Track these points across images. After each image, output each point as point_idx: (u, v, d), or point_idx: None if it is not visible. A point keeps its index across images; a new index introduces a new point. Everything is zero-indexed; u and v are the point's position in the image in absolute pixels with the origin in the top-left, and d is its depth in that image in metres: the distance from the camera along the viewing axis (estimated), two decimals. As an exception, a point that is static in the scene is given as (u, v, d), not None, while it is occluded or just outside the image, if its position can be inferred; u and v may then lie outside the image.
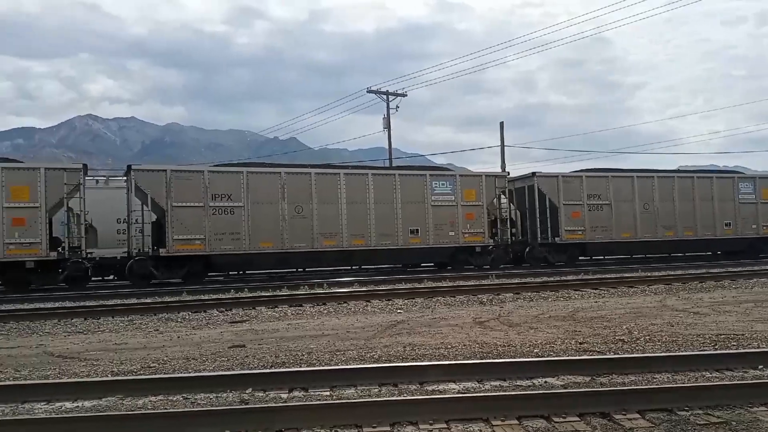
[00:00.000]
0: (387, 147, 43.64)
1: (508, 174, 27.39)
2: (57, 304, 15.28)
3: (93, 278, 22.72)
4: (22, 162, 22.14)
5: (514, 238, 27.33)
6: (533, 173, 27.11)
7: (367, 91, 43.97)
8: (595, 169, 29.01)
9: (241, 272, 25.07)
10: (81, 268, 20.31)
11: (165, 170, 21.32)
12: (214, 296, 16.01)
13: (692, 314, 11.58)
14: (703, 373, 6.86)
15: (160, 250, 20.97)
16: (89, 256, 20.98)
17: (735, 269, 21.47)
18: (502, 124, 43.59)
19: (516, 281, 18.46)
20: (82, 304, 15.28)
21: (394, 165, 42.24)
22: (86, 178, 21.70)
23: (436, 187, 24.64)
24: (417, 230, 24.22)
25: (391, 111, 43.03)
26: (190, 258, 21.32)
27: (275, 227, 22.13)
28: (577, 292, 15.75)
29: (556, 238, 26.21)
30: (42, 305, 15.19)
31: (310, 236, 22.51)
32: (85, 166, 21.21)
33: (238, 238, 21.60)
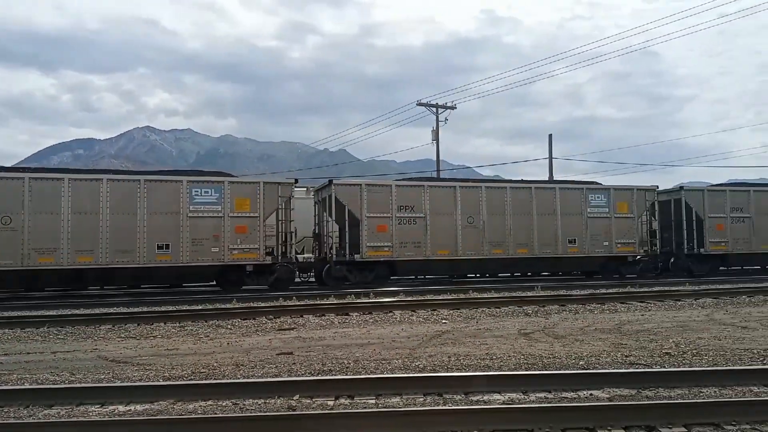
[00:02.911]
0: (434, 159, 43.67)
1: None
2: (112, 310, 15.69)
3: None
4: None
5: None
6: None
7: (417, 104, 44.01)
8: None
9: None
10: None
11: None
12: (263, 304, 16.22)
13: (740, 328, 11.44)
14: (751, 387, 6.81)
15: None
16: None
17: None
18: (550, 136, 43.35)
19: (562, 293, 18.34)
20: (135, 310, 15.66)
21: (446, 177, 42.21)
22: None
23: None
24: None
25: (440, 123, 43.05)
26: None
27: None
28: (623, 305, 15.57)
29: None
30: (97, 311, 15.60)
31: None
32: None
33: None
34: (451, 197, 24.04)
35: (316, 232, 24.82)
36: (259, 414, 5.92)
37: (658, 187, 27.55)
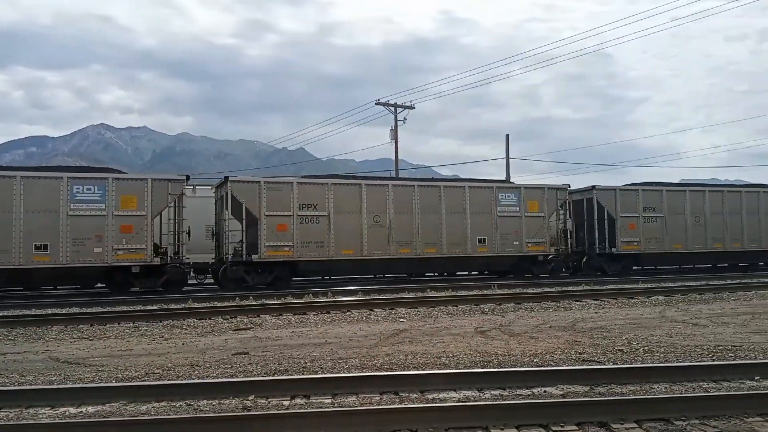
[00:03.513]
0: (393, 158, 43.70)
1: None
2: (64, 310, 15.40)
3: None
4: None
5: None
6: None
7: (375, 104, 43.95)
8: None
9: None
10: None
11: None
12: (219, 304, 16.06)
13: (691, 325, 11.68)
14: (701, 383, 6.96)
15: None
16: None
17: (734, 282, 21.50)
18: (507, 136, 43.66)
19: (518, 291, 18.54)
20: (88, 310, 15.39)
21: (407, 177, 42.17)
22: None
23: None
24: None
25: (398, 123, 43.02)
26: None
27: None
28: (578, 303, 15.84)
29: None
30: (49, 311, 15.30)
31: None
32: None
33: None
34: (357, 195, 23.40)
35: (215, 231, 23.84)
36: (211, 415, 5.86)
37: (569, 185, 27.43)
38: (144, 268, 20.53)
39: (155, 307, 15.53)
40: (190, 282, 23.74)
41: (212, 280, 24.49)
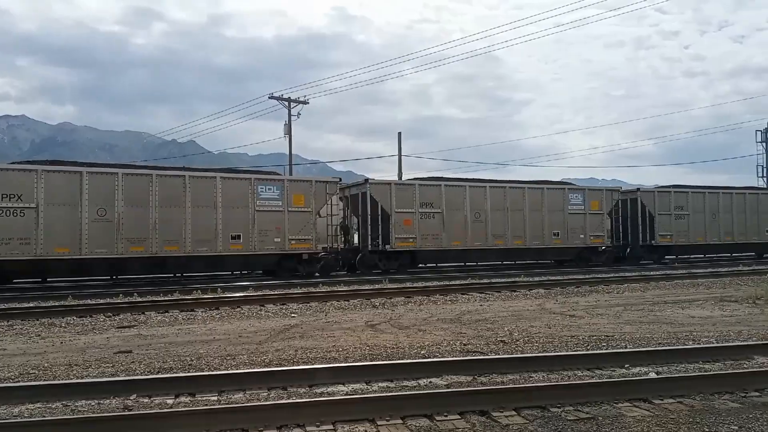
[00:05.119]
0: (287, 153, 43.46)
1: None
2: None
3: None
4: None
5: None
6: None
7: (269, 97, 43.69)
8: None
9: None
10: None
11: None
12: (102, 300, 15.52)
13: (568, 317, 12.23)
14: (576, 372, 7.30)
15: None
16: None
17: (608, 275, 22.56)
18: (399, 134, 44.32)
19: (407, 285, 18.84)
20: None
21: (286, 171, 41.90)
22: None
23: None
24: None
25: (292, 117, 42.90)
26: None
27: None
28: (464, 296, 16.26)
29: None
30: None
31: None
32: None
33: None
34: (77, 185, 20.18)
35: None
36: (90, 416, 5.68)
37: (341, 179, 26.36)
38: None
39: (32, 305, 14.85)
40: None
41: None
